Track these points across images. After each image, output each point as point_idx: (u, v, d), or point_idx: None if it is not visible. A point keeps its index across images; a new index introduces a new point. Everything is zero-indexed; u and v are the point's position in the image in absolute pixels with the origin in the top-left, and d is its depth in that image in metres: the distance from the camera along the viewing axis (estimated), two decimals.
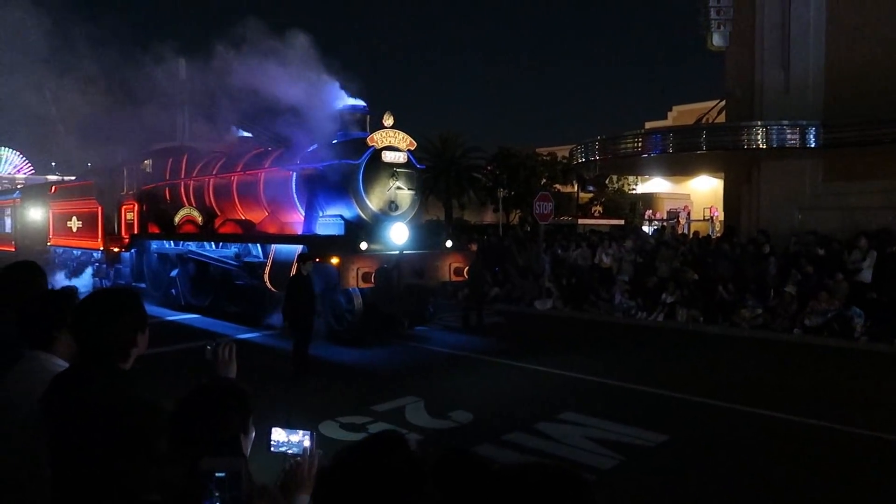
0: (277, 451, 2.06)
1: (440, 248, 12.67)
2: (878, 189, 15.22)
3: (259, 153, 14.18)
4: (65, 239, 20.63)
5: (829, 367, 10.18)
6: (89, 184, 18.97)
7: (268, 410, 2.21)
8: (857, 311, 11.96)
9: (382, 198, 11.81)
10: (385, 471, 1.32)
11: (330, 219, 12.00)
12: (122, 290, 2.50)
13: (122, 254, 17.72)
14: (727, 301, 13.56)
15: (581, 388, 8.69)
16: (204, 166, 15.34)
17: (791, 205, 16.62)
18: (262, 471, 1.93)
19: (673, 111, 36.34)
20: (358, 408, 7.39)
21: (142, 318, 2.31)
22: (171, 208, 15.91)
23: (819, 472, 5.77)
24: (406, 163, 12.15)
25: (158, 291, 16.14)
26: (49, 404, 2.13)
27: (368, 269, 10.87)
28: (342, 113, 12.19)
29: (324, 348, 10.65)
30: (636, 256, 16.02)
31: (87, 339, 2.19)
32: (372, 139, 11.72)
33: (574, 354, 10.75)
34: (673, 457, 6.10)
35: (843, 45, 16.02)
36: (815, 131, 15.42)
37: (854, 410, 7.58)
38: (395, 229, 11.79)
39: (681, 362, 10.36)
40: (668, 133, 18.43)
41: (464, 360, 10.33)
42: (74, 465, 2.06)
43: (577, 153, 20.84)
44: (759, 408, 7.63)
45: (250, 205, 13.89)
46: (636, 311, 14.67)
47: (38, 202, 22.90)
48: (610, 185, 37.08)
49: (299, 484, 1.97)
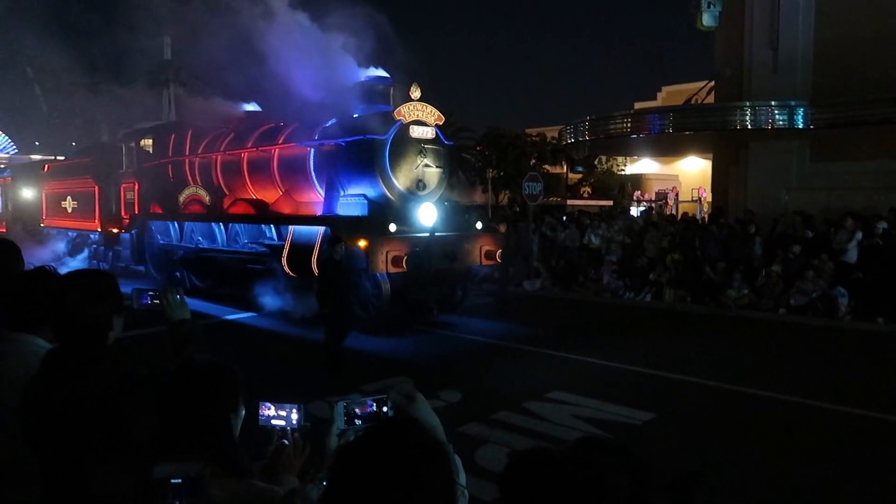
0: (266, 425, 2.08)
1: (471, 230, 11.99)
2: (865, 170, 15.31)
3: (271, 128, 13.31)
4: (59, 220, 19.94)
5: (814, 346, 10.31)
6: (85, 161, 18.21)
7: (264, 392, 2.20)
8: (841, 290, 12.10)
9: (410, 176, 11.09)
10: (402, 452, 1.31)
11: (352, 198, 11.25)
12: (99, 272, 2.48)
13: (122, 235, 16.99)
14: (714, 281, 13.67)
15: (568, 367, 8.76)
16: (210, 142, 14.45)
17: (778, 185, 16.70)
18: (252, 445, 1.95)
19: (662, 92, 36.25)
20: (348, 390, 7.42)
21: (119, 301, 2.30)
22: (175, 187, 15.00)
23: (803, 447, 5.87)
24: (434, 138, 11.42)
25: (161, 274, 15.42)
26: (40, 385, 2.12)
27: (398, 252, 10.18)
28: (364, 85, 11.36)
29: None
30: (624, 237, 16.09)
31: (69, 319, 2.17)
32: (399, 112, 10.96)
33: (562, 334, 10.82)
34: (659, 434, 6.18)
35: (832, 26, 16.02)
36: (802, 112, 15.46)
37: (837, 388, 7.70)
38: (423, 210, 11.04)
39: (668, 342, 10.46)
40: (667, 112, 18.36)
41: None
42: (70, 444, 2.03)
43: (566, 134, 20.81)
44: (745, 386, 7.74)
45: (263, 183, 13.05)
46: (624, 292, 14.76)
47: (30, 181, 22.15)
48: (599, 166, 37.07)
49: (285, 466, 1.99)
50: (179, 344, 2.60)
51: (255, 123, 13.94)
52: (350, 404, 1.75)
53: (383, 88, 11.56)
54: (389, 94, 11.58)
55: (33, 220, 21.58)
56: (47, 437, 2.07)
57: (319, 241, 10.96)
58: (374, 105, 11.34)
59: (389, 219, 10.53)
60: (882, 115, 14.31)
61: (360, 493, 1.26)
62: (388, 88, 11.60)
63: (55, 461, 2.06)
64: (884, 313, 11.58)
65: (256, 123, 13.89)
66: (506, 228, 13.54)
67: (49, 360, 2.17)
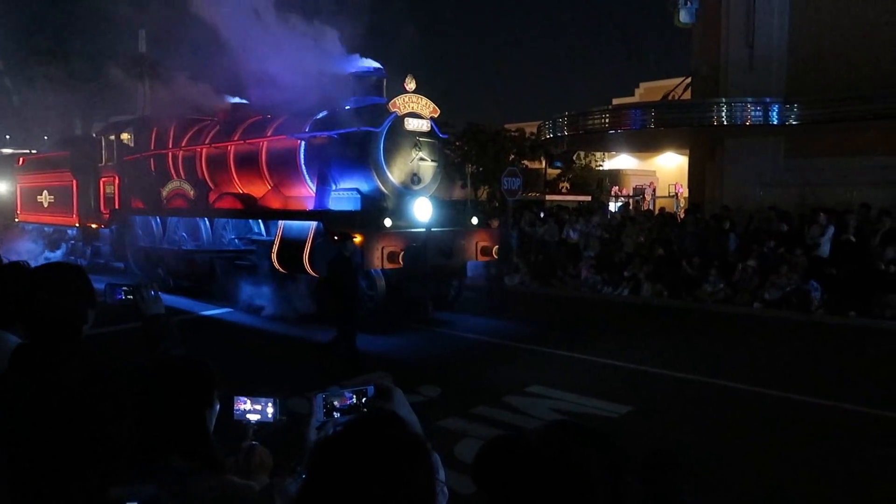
0: (241, 419, 2.06)
1: (467, 225, 11.78)
2: (838, 166, 15.56)
3: (258, 120, 12.89)
4: (35, 215, 19.33)
5: (789, 340, 10.46)
6: (63, 155, 17.63)
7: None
8: (814, 284, 12.30)
9: (404, 170, 10.87)
10: (382, 446, 1.30)
11: (344, 192, 10.98)
12: (70, 265, 2.45)
13: (102, 230, 16.52)
14: (691, 276, 13.82)
15: (548, 361, 8.80)
16: (194, 135, 14.00)
17: (753, 181, 16.91)
18: (226, 440, 1.93)
19: (640, 88, 36.52)
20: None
21: (90, 294, 2.28)
22: (158, 181, 14.53)
23: (781, 440, 5.95)
24: (429, 131, 11.21)
25: (143, 271, 14.92)
26: (9, 381, 2.07)
27: (394, 248, 9.95)
28: (356, 76, 11.10)
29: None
30: (602, 232, 16.20)
31: (39, 313, 2.14)
32: (394, 104, 10.70)
33: (540, 329, 10.87)
34: (637, 427, 6.23)
35: (807, 24, 16.24)
36: (777, 108, 15.65)
37: (813, 381, 7.82)
38: (418, 204, 10.84)
39: (645, 336, 10.55)
40: (647, 108, 18.44)
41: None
42: (44, 439, 1.99)
43: (544, 129, 20.87)
44: (722, 379, 7.84)
45: (250, 177, 12.68)
46: (602, 286, 14.86)
47: (3, 175, 21.49)
48: (577, 162, 37.27)
49: (257, 465, 1.99)
50: (154, 339, 2.57)
51: (241, 116, 13.56)
52: (329, 397, 1.74)
53: (376, 80, 11.27)
54: (383, 86, 11.32)
55: (7, 215, 20.94)
56: (17, 435, 2.03)
57: (311, 236, 10.72)
58: (368, 97, 11.08)
59: (385, 213, 10.31)
60: (855, 112, 14.54)
61: (339, 488, 1.24)
62: (381, 80, 11.33)
63: (25, 461, 2.01)
64: (855, 307, 11.79)
65: (243, 116, 13.52)
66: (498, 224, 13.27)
67: (18, 355, 2.12)
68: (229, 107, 14.16)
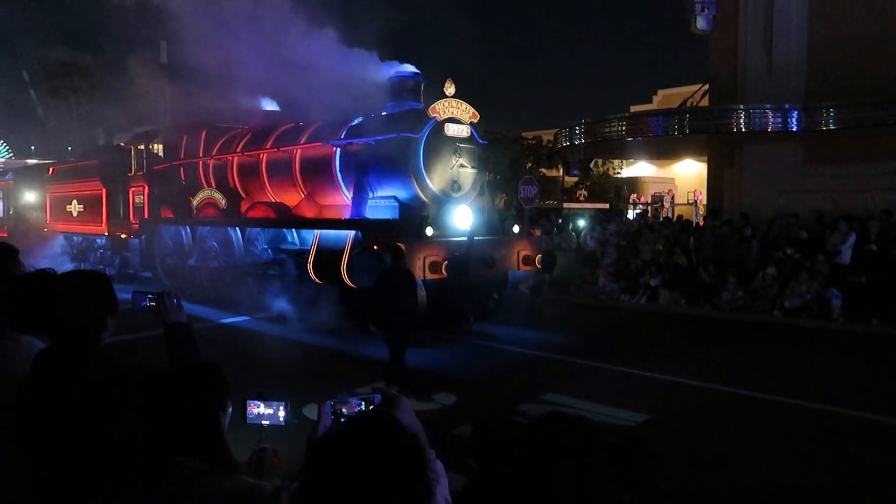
0: (254, 423, 2.11)
1: (508, 233, 11.39)
2: (858, 172, 15.38)
3: (292, 127, 12.64)
4: (64, 224, 19.35)
5: (809, 348, 10.35)
6: (93, 164, 17.58)
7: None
8: (835, 292, 12.16)
9: (444, 177, 10.53)
10: (376, 444, 1.34)
11: (381, 200, 10.64)
12: (93, 273, 2.52)
13: (131, 240, 16.34)
14: (709, 283, 13.72)
15: (563, 369, 8.79)
16: (225, 143, 13.80)
17: (773, 188, 16.76)
18: (239, 443, 1.97)
19: (658, 95, 36.37)
20: None
21: (112, 302, 2.33)
22: (188, 190, 14.33)
23: (798, 450, 5.90)
24: (469, 137, 10.88)
25: (173, 280, 14.54)
26: (32, 386, 2.14)
27: (436, 257, 9.58)
28: (392, 81, 10.79)
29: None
30: (620, 240, 16.14)
31: (62, 319, 2.20)
32: (434, 109, 10.38)
33: (556, 336, 10.84)
34: (652, 436, 6.20)
35: (826, 29, 16.10)
36: (796, 115, 15.52)
37: (832, 390, 7.73)
38: (459, 212, 10.51)
39: (661, 344, 10.48)
40: (667, 115, 18.31)
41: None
42: (63, 441, 2.05)
43: (561, 137, 20.84)
44: (739, 388, 7.77)
45: (283, 186, 12.38)
46: (619, 294, 14.80)
47: (33, 185, 21.45)
48: (595, 169, 37.15)
49: (268, 468, 2.03)
50: (174, 346, 2.64)
51: (273, 123, 13.30)
52: (337, 404, 1.78)
53: (413, 84, 10.95)
54: (420, 91, 11.01)
55: (37, 224, 20.91)
56: (38, 437, 2.09)
57: (349, 245, 10.37)
58: (405, 102, 10.81)
59: (426, 222, 9.95)
60: (875, 117, 14.38)
61: (334, 484, 1.28)
62: (418, 84, 11.01)
63: (45, 462, 2.07)
64: (877, 315, 11.64)
65: (275, 123, 13.25)
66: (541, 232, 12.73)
67: (40, 361, 2.19)
68: (261, 114, 13.87)
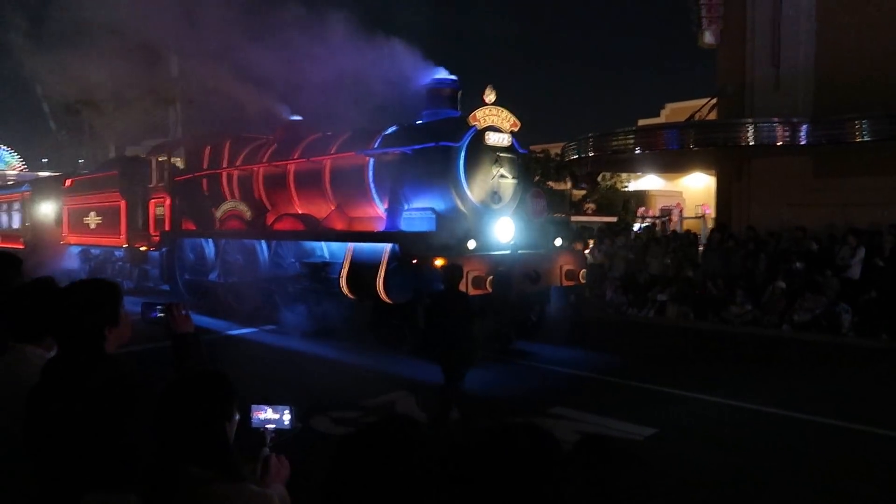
0: (259, 427, 2.11)
1: (550, 247, 10.87)
2: (867, 186, 15.32)
3: (320, 137, 12.26)
4: (82, 236, 18.97)
5: (818, 363, 10.28)
6: (112, 175, 17.19)
7: None
8: (844, 306, 12.08)
9: (485, 187, 10.09)
10: (401, 450, 1.37)
11: (417, 212, 10.06)
12: (99, 282, 2.52)
13: (151, 253, 15.75)
14: (717, 297, 13.66)
15: (572, 383, 8.76)
16: (250, 154, 13.41)
17: (781, 201, 16.71)
18: (245, 449, 1.98)
19: (666, 109, 36.43)
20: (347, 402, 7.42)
21: (113, 313, 2.34)
22: (211, 202, 13.89)
23: (808, 465, 5.85)
24: (510, 146, 10.45)
25: (194, 295, 14.13)
26: (39, 394, 2.15)
27: (479, 272, 9.04)
28: (429, 88, 10.46)
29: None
30: (628, 253, 16.11)
31: (66, 327, 2.22)
32: (474, 117, 9.93)
33: (564, 350, 10.80)
34: (660, 450, 6.16)
35: (834, 42, 16.11)
36: (805, 128, 15.50)
37: (843, 405, 7.66)
38: (500, 224, 10.08)
39: (669, 357, 10.43)
40: (682, 129, 18.34)
41: None
42: (70, 448, 2.06)
43: (569, 150, 20.87)
44: (748, 402, 7.72)
45: (312, 197, 11.91)
46: (627, 307, 14.75)
47: (49, 196, 21.13)
48: (602, 183, 37.15)
49: (275, 474, 2.03)
50: (181, 356, 2.65)
51: (301, 133, 12.88)
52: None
53: (450, 91, 10.63)
54: (457, 98, 10.67)
55: (54, 236, 20.51)
56: (46, 445, 2.10)
57: (386, 259, 9.89)
58: (441, 110, 10.48)
59: (469, 235, 9.50)
60: (883, 131, 14.35)
61: (353, 481, 1.33)
62: (455, 91, 10.69)
63: (51, 469, 2.09)
64: (887, 330, 11.55)
65: (303, 133, 12.84)
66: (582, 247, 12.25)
67: (48, 370, 2.21)
68: (288, 124, 13.45)
